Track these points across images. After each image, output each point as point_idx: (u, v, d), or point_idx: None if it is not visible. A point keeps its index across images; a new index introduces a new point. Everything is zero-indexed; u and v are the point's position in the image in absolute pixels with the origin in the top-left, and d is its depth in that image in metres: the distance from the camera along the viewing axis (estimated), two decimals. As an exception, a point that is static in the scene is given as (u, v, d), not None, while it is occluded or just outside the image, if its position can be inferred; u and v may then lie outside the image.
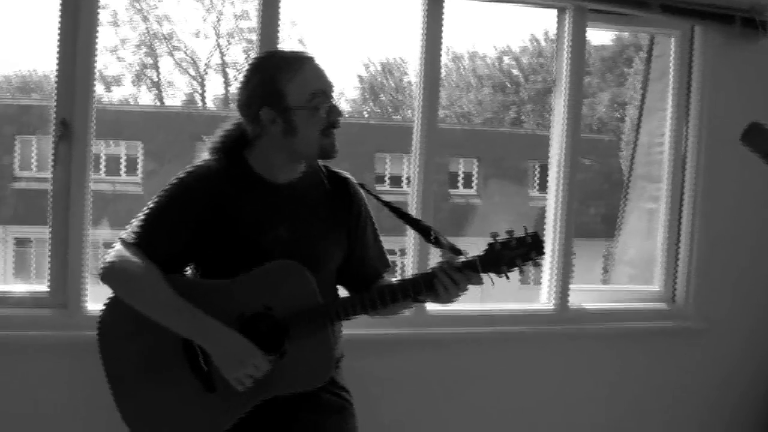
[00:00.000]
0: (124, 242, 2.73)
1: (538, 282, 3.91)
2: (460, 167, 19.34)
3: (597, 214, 18.34)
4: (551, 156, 4.22)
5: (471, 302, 3.73)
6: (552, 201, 4.18)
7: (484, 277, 2.73)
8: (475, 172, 19.94)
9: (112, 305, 2.75)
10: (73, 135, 3.41)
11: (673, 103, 4.41)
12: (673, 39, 4.42)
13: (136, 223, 2.76)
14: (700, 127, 4.33)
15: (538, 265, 2.79)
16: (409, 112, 28.93)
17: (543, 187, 21.14)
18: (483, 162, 19.85)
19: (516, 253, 2.71)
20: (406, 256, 3.92)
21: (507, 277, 2.72)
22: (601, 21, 4.22)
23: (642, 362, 4.33)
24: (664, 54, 4.72)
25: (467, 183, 19.58)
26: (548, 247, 3.97)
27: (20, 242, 15.45)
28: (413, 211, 3.89)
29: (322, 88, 2.72)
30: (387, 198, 2.95)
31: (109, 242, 2.81)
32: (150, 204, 2.78)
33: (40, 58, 27.38)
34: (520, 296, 4.03)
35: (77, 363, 3.30)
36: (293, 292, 2.70)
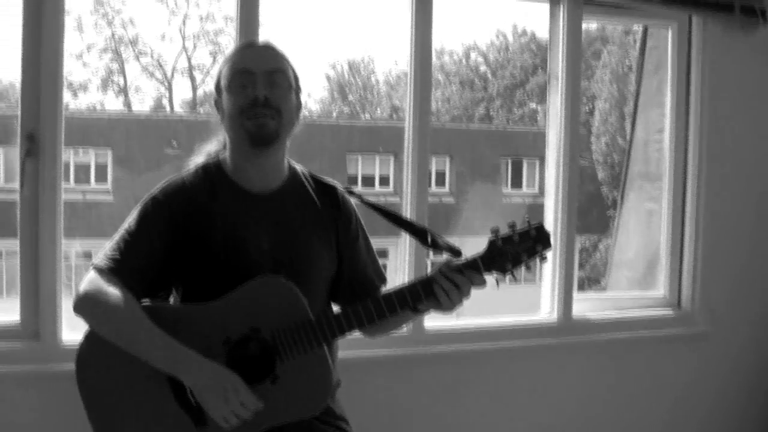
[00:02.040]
0: (97, 269, 2.53)
1: (514, 281, 3.70)
2: (433, 166, 19.30)
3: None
4: (548, 155, 4.05)
5: (470, 316, 3.56)
6: (551, 203, 3.99)
7: (488, 277, 2.54)
8: (447, 170, 19.86)
9: (91, 335, 2.55)
10: (40, 149, 3.16)
11: (672, 98, 4.23)
12: (670, 30, 4.24)
13: (109, 246, 2.56)
14: (701, 122, 4.16)
15: (545, 260, 2.58)
16: (378, 111, 28.87)
17: (516, 183, 21.18)
18: (455, 160, 19.79)
19: (520, 248, 2.53)
20: (400, 262, 3.73)
21: (513, 276, 2.55)
22: (596, 13, 4.05)
23: (649, 369, 4.17)
24: (659, 46, 4.53)
25: (440, 181, 19.48)
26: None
27: (-11, 255, 15.22)
28: (407, 216, 3.71)
29: (246, 67, 2.55)
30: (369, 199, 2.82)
31: (81, 253, 2.60)
32: (123, 225, 2.58)
33: (4, 66, 27.14)
34: (503, 298, 3.84)
35: (53, 398, 3.10)
36: (281, 310, 2.50)
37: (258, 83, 2.52)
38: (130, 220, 2.58)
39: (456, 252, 2.61)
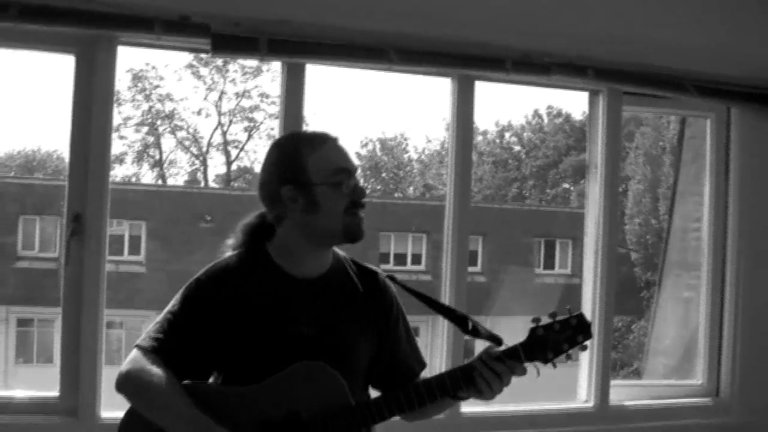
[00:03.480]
0: (140, 349, 2.53)
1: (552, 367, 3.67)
2: (466, 245, 19.23)
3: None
4: (587, 242, 4.06)
5: (507, 401, 3.53)
6: (589, 290, 4.00)
7: (528, 366, 2.52)
8: (480, 249, 19.85)
9: (132, 412, 2.53)
10: (85, 226, 3.22)
11: (710, 188, 4.25)
12: (708, 121, 4.28)
13: (152, 327, 2.57)
14: (740, 212, 4.17)
15: (585, 349, 2.56)
16: (411, 189, 28.98)
17: (548, 264, 21.13)
18: (487, 239, 19.78)
19: (561, 337, 2.50)
20: (435, 341, 3.76)
21: (553, 365, 2.51)
22: (635, 104, 4.10)
23: (688, 460, 4.09)
24: (697, 136, 4.56)
25: (472, 261, 19.45)
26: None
27: (22, 322, 15.30)
28: (445, 296, 3.77)
29: (345, 166, 2.56)
30: (399, 277, 2.77)
31: (111, 323, 2.61)
32: (167, 307, 2.59)
33: (43, 136, 27.65)
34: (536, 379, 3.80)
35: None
36: (321, 395, 2.48)
37: (356, 183, 2.56)
38: (173, 301, 2.59)
39: (497, 340, 2.59)
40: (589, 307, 3.96)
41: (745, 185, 4.17)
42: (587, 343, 2.54)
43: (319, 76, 3.81)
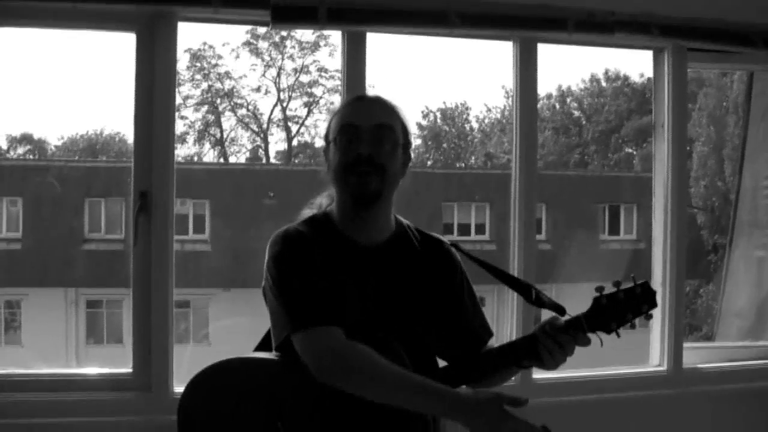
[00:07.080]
0: (303, 332, 2.40)
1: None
2: (529, 213, 19.08)
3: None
4: (655, 204, 3.99)
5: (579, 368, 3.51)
6: (659, 252, 3.93)
7: (592, 336, 2.48)
8: (543, 217, 19.71)
9: (193, 386, 2.50)
10: (152, 204, 3.24)
11: (782, 144, 4.14)
12: (777, 75, 4.16)
13: (285, 315, 2.44)
14: (813, 168, 4.06)
15: (650, 318, 2.51)
16: (473, 158, 28.83)
17: (613, 229, 20.95)
18: (551, 207, 19.62)
19: (625, 306, 2.46)
20: (507, 318, 3.72)
21: (617, 335, 2.47)
22: (700, 60, 4.00)
23: (764, 422, 4.01)
24: (766, 92, 4.45)
25: (537, 229, 19.29)
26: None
27: (91, 304, 15.55)
28: (514, 265, 3.75)
29: (352, 122, 2.50)
30: (464, 247, 2.74)
31: (179, 302, 2.59)
32: (279, 290, 2.47)
33: (106, 119, 27.99)
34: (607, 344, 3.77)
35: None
36: None
37: (363, 139, 2.48)
38: (272, 275, 2.49)
39: (560, 310, 2.55)
40: (659, 268, 3.90)
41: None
42: (652, 312, 2.49)
43: (379, 47, 3.78)
